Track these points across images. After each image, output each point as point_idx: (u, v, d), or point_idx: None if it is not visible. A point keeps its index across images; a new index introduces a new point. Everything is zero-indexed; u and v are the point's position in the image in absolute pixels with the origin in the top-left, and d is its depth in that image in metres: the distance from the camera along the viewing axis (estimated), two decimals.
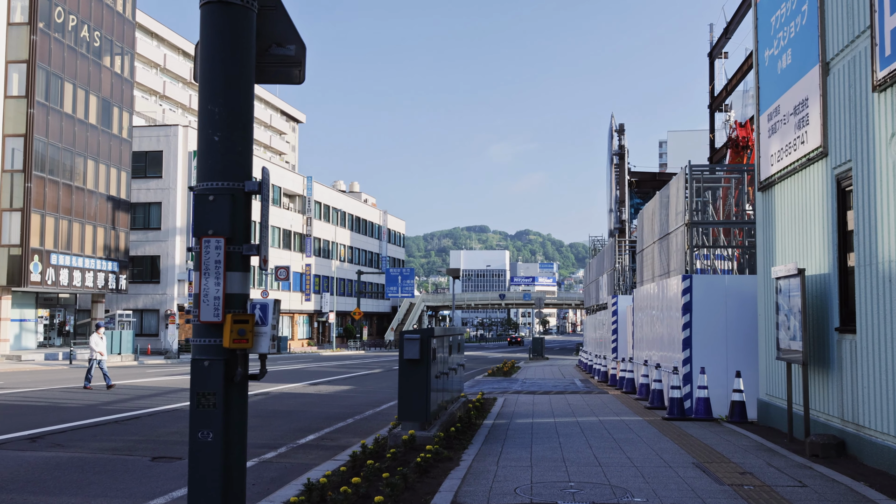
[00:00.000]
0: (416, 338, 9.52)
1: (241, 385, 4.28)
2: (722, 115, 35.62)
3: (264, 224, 4.34)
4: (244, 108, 4.40)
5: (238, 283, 4.26)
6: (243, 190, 4.30)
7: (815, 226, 9.73)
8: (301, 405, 16.28)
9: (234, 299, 4.24)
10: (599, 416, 12.91)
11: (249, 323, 4.19)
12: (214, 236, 4.21)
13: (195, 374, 4.21)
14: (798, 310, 9.41)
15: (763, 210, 11.96)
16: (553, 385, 20.91)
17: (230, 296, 4.22)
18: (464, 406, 13.16)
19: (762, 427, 11.38)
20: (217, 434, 4.14)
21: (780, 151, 10.89)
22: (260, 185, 4.31)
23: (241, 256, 4.29)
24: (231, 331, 4.13)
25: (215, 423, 4.15)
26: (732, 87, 32.94)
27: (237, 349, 4.19)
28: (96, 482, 8.02)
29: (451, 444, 9.37)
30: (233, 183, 4.27)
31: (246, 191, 4.31)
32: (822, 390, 9.46)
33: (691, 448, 9.32)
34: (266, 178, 4.36)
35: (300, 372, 29.22)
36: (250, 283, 4.39)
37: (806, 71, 9.88)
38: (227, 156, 4.29)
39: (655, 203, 18.94)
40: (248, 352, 4.27)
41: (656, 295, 15.56)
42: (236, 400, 4.24)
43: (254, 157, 46.09)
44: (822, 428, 9.36)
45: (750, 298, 12.86)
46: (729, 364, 12.88)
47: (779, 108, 11.00)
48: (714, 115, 35.67)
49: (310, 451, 10.28)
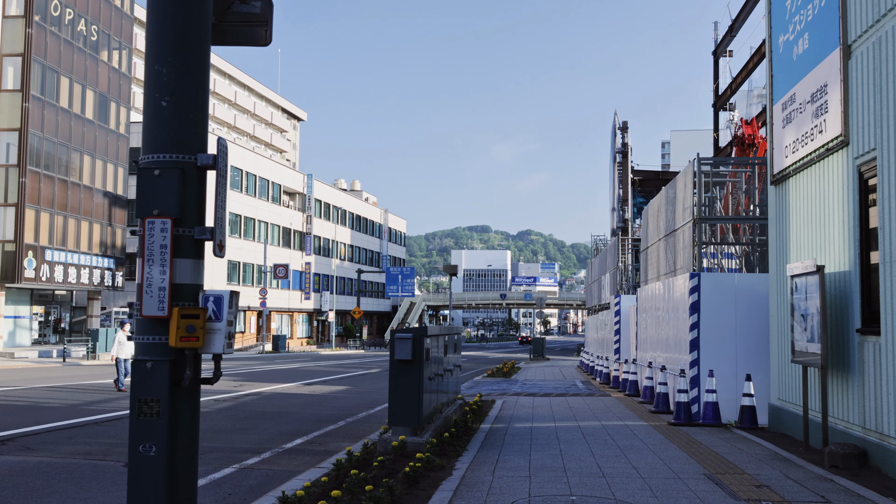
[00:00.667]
0: (407, 337, 8.93)
1: (191, 391, 3.69)
2: (726, 114, 35.06)
3: (220, 204, 3.75)
4: (198, 70, 3.80)
5: (188, 271, 3.67)
6: (195, 164, 3.71)
7: (834, 220, 9.13)
8: (292, 406, 15.69)
9: (183, 290, 3.65)
10: (602, 421, 12.31)
11: (200, 318, 3.60)
12: (160, 217, 3.62)
13: (136, 377, 3.62)
14: (816, 310, 8.81)
15: (776, 205, 11.35)
16: (554, 387, 20.31)
17: (178, 286, 3.63)
18: (460, 409, 12.57)
19: (774, 434, 10.77)
20: (161, 448, 3.56)
21: (796, 142, 10.28)
22: (215, 159, 3.72)
23: (193, 241, 3.70)
24: (178, 327, 3.55)
25: (159, 434, 3.56)
26: (737, 86, 32.37)
27: (186, 349, 3.60)
28: (59, 491, 7.43)
29: (444, 451, 8.77)
30: (183, 155, 3.69)
31: (199, 164, 3.72)
32: (841, 396, 8.85)
33: (701, 457, 8.71)
34: (223, 150, 3.77)
35: (296, 371, 28.64)
36: (203, 271, 3.80)
37: (825, 55, 9.28)
38: (176, 123, 3.69)
39: (661, 199, 18.33)
40: (200, 352, 3.68)
41: (662, 294, 14.95)
42: (184, 408, 3.65)
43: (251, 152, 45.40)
44: (840, 436, 8.75)
45: (760, 298, 12.25)
46: (738, 367, 12.27)
47: (794, 97, 10.39)
48: (718, 113, 35.10)
49: (295, 456, 9.69)
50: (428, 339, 9.38)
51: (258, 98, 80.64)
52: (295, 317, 65.61)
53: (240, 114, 75.90)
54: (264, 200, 59.94)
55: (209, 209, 3.80)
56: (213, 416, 13.69)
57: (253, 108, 78.19)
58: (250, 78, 78.19)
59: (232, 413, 14.29)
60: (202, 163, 3.70)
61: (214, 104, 70.79)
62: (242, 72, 76.48)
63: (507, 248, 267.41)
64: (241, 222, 56.34)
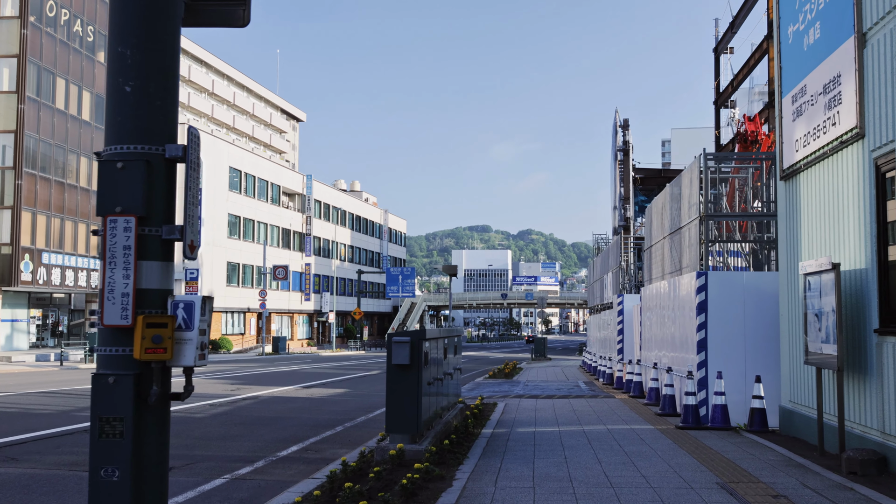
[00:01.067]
0: (405, 341, 8.57)
1: (159, 408, 3.33)
2: (727, 112, 34.71)
3: (191, 200, 3.39)
4: (166, 51, 3.44)
5: (155, 275, 3.31)
6: (163, 155, 3.35)
7: (848, 216, 8.76)
8: (289, 411, 15.33)
9: (150, 296, 3.28)
10: (607, 425, 11.94)
11: (168, 327, 3.24)
12: (123, 214, 3.26)
13: (97, 393, 3.26)
14: (831, 309, 8.44)
15: (786, 200, 10.98)
16: (556, 388, 19.94)
17: (143, 292, 3.27)
18: (461, 413, 12.21)
19: (786, 437, 10.40)
20: (125, 472, 3.19)
21: (807, 135, 9.92)
22: (185, 149, 3.36)
23: (160, 241, 3.34)
24: (144, 337, 3.18)
25: (122, 457, 3.19)
26: (739, 83, 32.05)
27: (152, 361, 3.24)
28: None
29: (444, 459, 8.40)
30: (149, 146, 3.32)
31: (167, 156, 3.36)
32: (858, 399, 8.48)
33: (712, 464, 8.35)
34: (194, 140, 3.40)
35: (295, 374, 28.28)
36: (173, 275, 3.44)
37: (838, 44, 8.91)
38: (141, 111, 3.33)
39: (665, 196, 17.96)
40: (169, 364, 3.32)
41: (667, 293, 14.58)
42: (151, 428, 3.28)
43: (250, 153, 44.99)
44: (857, 441, 8.38)
45: (770, 297, 11.89)
46: (747, 368, 11.90)
47: (805, 88, 10.02)
48: (719, 111, 34.77)
49: (290, 465, 9.33)
50: (426, 342, 9.02)
51: (257, 99, 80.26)
52: (295, 318, 65.26)
53: (238, 115, 75.54)
54: (263, 201, 59.60)
55: (179, 206, 3.44)
56: (207, 422, 13.33)
57: (252, 108, 77.83)
58: (249, 79, 77.84)
59: (227, 419, 13.94)
60: (171, 154, 3.34)
61: (213, 105, 70.46)
62: (241, 72, 76.14)
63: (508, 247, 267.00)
64: (240, 223, 56.00)
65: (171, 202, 3.41)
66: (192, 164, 3.38)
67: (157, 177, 3.32)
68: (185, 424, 13.05)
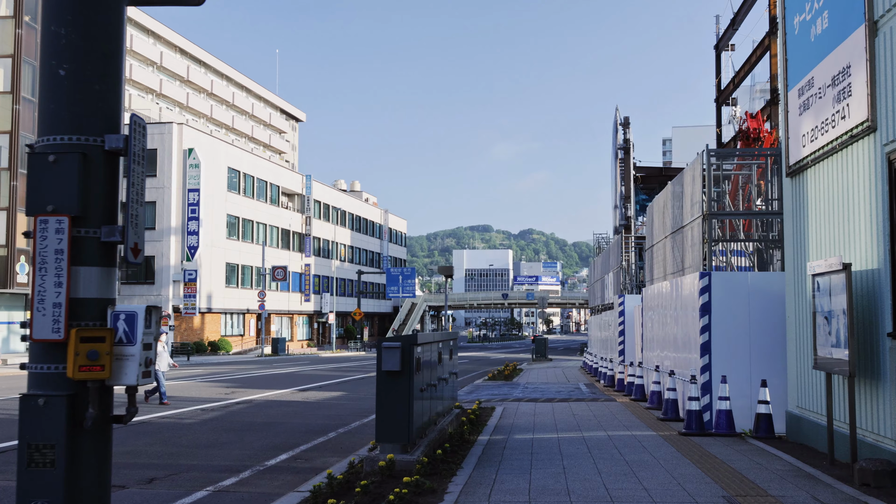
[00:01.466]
0: (395, 346, 8.19)
1: (98, 433, 2.95)
2: (728, 110, 34.30)
3: (135, 198, 3.01)
4: (108, 31, 3.06)
5: (92, 282, 2.93)
6: (102, 147, 2.97)
7: (859, 213, 8.37)
8: (282, 415, 14.95)
9: (86, 307, 2.91)
10: (608, 431, 11.55)
11: (106, 341, 2.86)
12: (55, 214, 2.88)
13: (25, 416, 2.88)
14: (842, 311, 8.05)
15: (793, 198, 10.59)
16: (556, 391, 19.55)
17: (78, 302, 2.89)
18: (457, 419, 11.82)
19: (793, 445, 10.01)
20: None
21: (815, 130, 9.53)
22: (127, 140, 2.98)
23: (99, 244, 2.96)
24: (77, 353, 2.80)
25: (54, 490, 2.81)
26: (740, 80, 31.66)
27: (88, 380, 2.86)
28: None
29: (436, 470, 8.02)
30: (85, 137, 2.95)
31: (106, 148, 2.98)
32: (871, 406, 8.09)
33: (718, 475, 7.96)
34: (138, 130, 3.02)
35: (292, 376, 27.90)
36: (115, 283, 3.06)
37: (847, 34, 8.52)
38: (77, 98, 2.95)
39: (667, 195, 17.56)
40: (108, 383, 2.94)
41: (669, 294, 14.19)
42: (88, 456, 2.90)
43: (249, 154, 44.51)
44: (869, 450, 7.99)
45: (776, 298, 11.49)
46: (752, 372, 11.51)
47: (812, 81, 9.63)
48: (721, 108, 34.38)
49: (277, 475, 8.95)
50: (418, 347, 8.64)
51: (256, 99, 79.90)
52: (295, 319, 64.87)
53: (238, 115, 75.18)
54: (262, 202, 59.22)
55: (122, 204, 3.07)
56: (196, 429, 12.96)
57: (251, 109, 77.46)
58: (248, 79, 77.49)
59: (217, 424, 13.56)
60: (111, 146, 2.97)
61: (212, 105, 70.11)
62: (240, 72, 75.80)
63: (509, 247, 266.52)
64: (239, 224, 55.64)
65: (112, 200, 3.03)
66: (135, 157, 3.00)
67: (95, 171, 2.94)
68: (174, 431, 12.68)
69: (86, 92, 2.97)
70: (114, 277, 3.04)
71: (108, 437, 2.99)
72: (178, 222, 49.82)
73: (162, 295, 49.49)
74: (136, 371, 2.93)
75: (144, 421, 13.95)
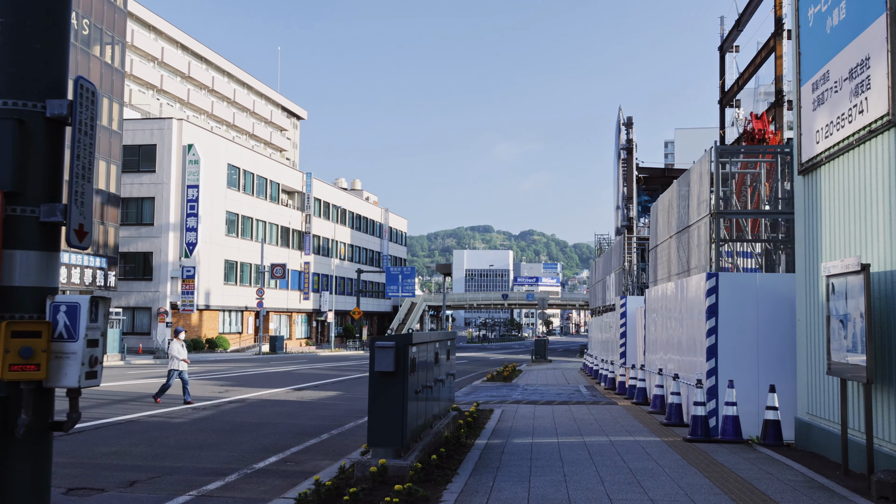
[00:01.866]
0: (389, 346, 7.80)
1: (33, 442, 2.56)
2: (732, 111, 33.94)
3: (81, 172, 2.63)
4: None
5: (29, 268, 2.55)
6: (43, 114, 2.58)
7: (878, 212, 7.98)
8: (275, 416, 14.56)
9: (20, 296, 2.52)
10: (610, 436, 11.16)
11: (43, 336, 2.48)
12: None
13: None
14: (859, 315, 7.65)
15: (805, 196, 10.19)
16: (556, 393, 19.16)
17: (11, 290, 2.50)
18: (453, 422, 11.43)
19: (803, 453, 9.62)
20: None
21: (830, 125, 9.14)
22: (72, 106, 2.59)
23: (37, 224, 2.58)
24: (8, 350, 2.42)
25: None
26: (744, 82, 31.27)
27: (20, 381, 2.48)
28: None
29: (431, 477, 7.63)
30: (22, 102, 2.56)
31: (48, 115, 2.59)
32: (888, 415, 7.70)
33: (726, 485, 7.57)
34: (85, 96, 2.64)
35: (288, 375, 27.52)
36: (58, 269, 2.68)
37: (867, 25, 8.13)
38: (13, 57, 2.56)
39: (672, 194, 17.17)
40: (46, 385, 2.55)
41: (674, 296, 13.79)
42: (22, 467, 2.51)
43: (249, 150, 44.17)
44: (886, 461, 7.60)
45: (785, 300, 11.10)
46: (760, 376, 11.13)
47: (828, 75, 9.24)
48: (724, 110, 34.00)
49: (265, 479, 8.57)
50: (414, 347, 8.26)
51: (257, 96, 79.54)
52: (294, 317, 64.49)
53: (239, 112, 74.82)
54: (262, 199, 58.85)
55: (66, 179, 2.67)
56: (185, 429, 12.58)
57: (252, 106, 77.11)
58: (249, 76, 77.14)
59: (207, 424, 13.18)
60: (53, 112, 2.58)
61: (213, 101, 69.77)
62: (242, 69, 75.43)
63: (510, 247, 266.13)
64: (238, 221, 55.26)
65: (54, 175, 2.64)
66: (81, 127, 2.62)
67: (33, 141, 2.56)
68: (162, 431, 12.30)
69: (25, 50, 2.58)
70: (56, 263, 2.66)
71: (45, 447, 2.61)
72: (176, 218, 49.46)
73: (160, 291, 49.12)
74: (79, 371, 2.54)
75: (132, 420, 13.57)
